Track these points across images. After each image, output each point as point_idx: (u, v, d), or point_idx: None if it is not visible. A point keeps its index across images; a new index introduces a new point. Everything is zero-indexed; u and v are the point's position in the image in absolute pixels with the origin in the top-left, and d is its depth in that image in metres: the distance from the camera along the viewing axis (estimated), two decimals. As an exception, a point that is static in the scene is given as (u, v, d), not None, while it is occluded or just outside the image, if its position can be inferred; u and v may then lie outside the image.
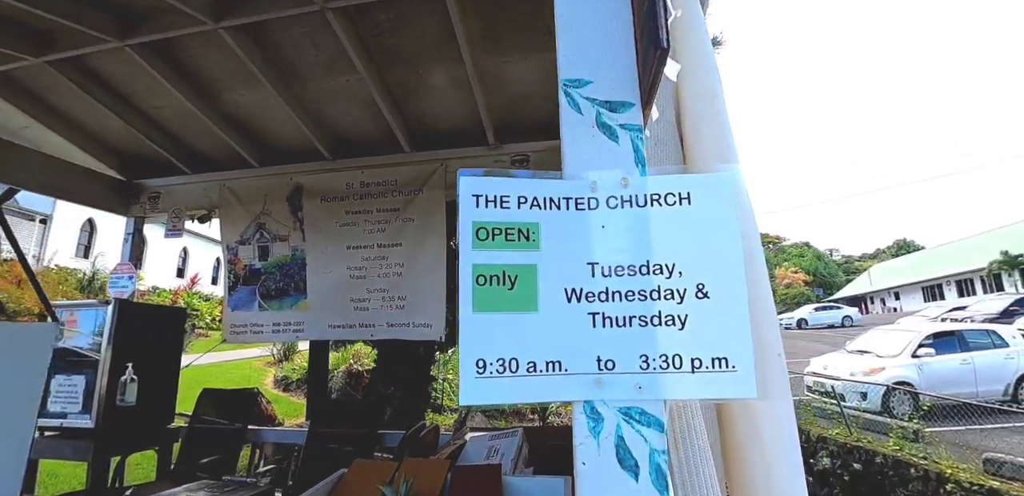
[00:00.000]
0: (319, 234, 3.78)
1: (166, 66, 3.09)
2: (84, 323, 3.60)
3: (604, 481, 0.58)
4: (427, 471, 1.69)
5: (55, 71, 3.11)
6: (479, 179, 0.68)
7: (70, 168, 3.88)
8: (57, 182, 3.80)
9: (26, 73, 3.17)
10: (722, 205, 0.67)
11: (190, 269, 22.79)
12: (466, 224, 0.66)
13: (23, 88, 3.43)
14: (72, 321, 3.63)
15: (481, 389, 0.62)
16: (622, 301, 0.66)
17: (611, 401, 0.62)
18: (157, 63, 3.04)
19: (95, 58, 3.06)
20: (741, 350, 0.63)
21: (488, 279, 0.65)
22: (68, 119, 3.72)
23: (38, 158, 3.71)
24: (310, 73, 3.14)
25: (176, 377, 3.86)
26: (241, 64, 2.97)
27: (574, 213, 0.68)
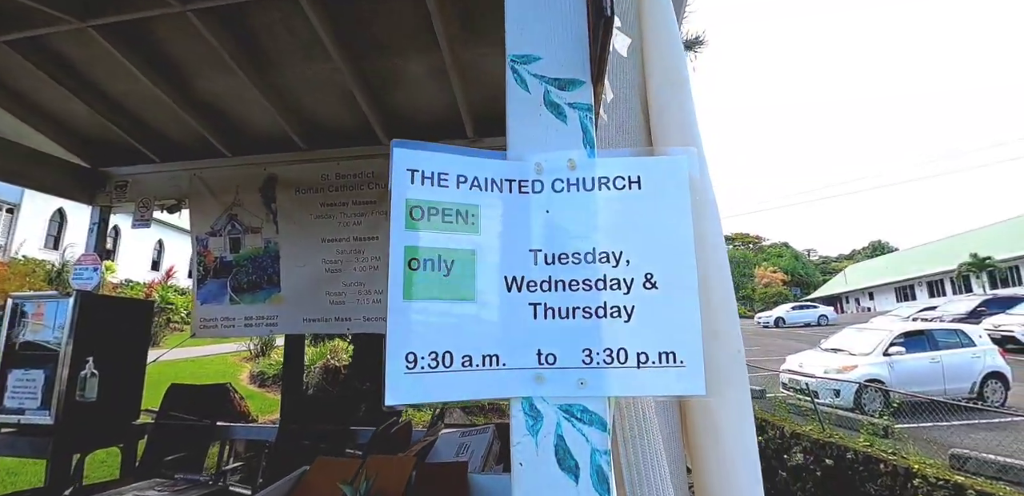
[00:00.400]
0: (293, 226, 3.69)
1: (132, 50, 2.97)
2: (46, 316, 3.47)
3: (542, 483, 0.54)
4: (391, 469, 1.65)
5: (13, 51, 2.97)
6: (415, 152, 0.63)
7: (30, 153, 3.72)
8: (15, 167, 3.64)
9: None
10: (674, 190, 0.63)
11: (165, 262, 22.28)
12: (399, 201, 0.60)
13: None
14: (39, 314, 3.49)
15: (410, 386, 0.56)
16: (566, 291, 0.61)
17: (551, 398, 0.58)
18: (122, 46, 2.93)
19: (56, 39, 2.93)
20: (690, 344, 0.59)
21: (422, 263, 0.60)
22: (29, 102, 3.56)
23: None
24: (284, 60, 3.05)
25: (142, 372, 3.75)
26: (211, 49, 2.87)
27: (517, 196, 0.64)
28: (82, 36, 2.82)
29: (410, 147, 0.65)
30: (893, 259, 49.31)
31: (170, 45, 3.00)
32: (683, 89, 0.92)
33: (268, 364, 9.09)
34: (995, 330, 14.91)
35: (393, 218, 0.61)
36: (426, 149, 0.64)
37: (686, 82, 0.94)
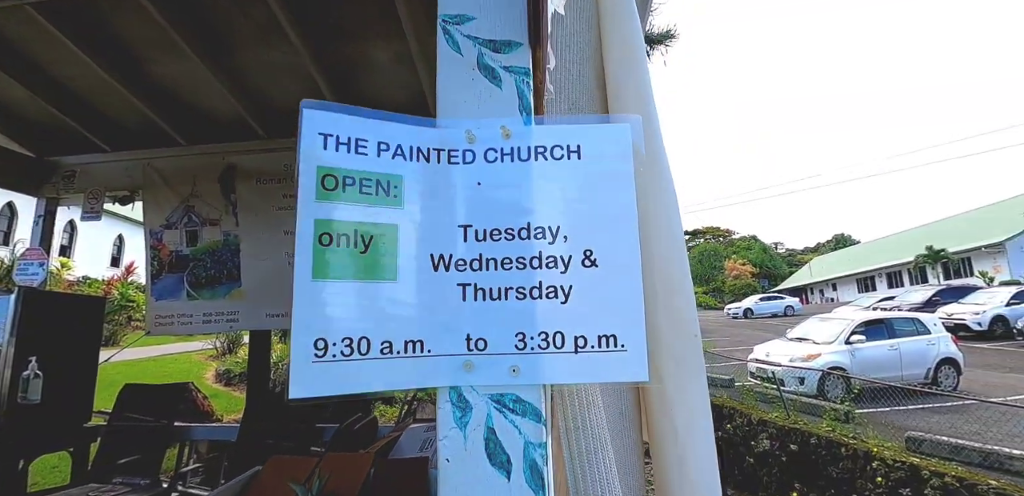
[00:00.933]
0: (254, 218, 3.55)
1: (76, 31, 2.79)
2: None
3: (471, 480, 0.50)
4: (348, 466, 1.59)
5: None
6: (330, 115, 0.56)
7: (-36, 141, 3.48)
8: (-54, 156, 3.40)
9: None
10: (616, 159, 0.59)
11: (126, 258, 21.42)
12: (308, 169, 0.54)
13: None
14: None
15: (320, 376, 0.50)
16: (497, 270, 0.56)
17: (481, 387, 0.53)
18: (66, 27, 2.74)
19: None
20: (632, 327, 0.55)
21: (335, 239, 0.53)
22: (-36, 86, 3.32)
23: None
24: (240, 44, 2.91)
25: (94, 372, 3.57)
26: (162, 31, 2.71)
27: (445, 167, 0.58)
28: (19, 14, 2.63)
29: (323, 108, 0.58)
30: (855, 252, 51.28)
31: (118, 27, 2.82)
32: (639, 65, 0.88)
33: (235, 362, 8.83)
34: (948, 318, 15.62)
35: (301, 188, 0.54)
36: (343, 112, 0.58)
37: (642, 58, 0.90)
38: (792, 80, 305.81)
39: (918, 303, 19.34)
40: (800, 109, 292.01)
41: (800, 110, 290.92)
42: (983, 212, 35.75)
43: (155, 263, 3.70)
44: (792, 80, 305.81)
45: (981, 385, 9.55)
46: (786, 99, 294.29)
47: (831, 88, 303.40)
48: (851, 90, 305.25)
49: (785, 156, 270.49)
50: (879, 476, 5.40)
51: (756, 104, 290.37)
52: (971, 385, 9.59)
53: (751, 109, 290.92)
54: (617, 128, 0.59)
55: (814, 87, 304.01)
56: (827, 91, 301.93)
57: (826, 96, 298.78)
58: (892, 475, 5.30)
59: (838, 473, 5.85)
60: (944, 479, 4.92)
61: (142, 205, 3.77)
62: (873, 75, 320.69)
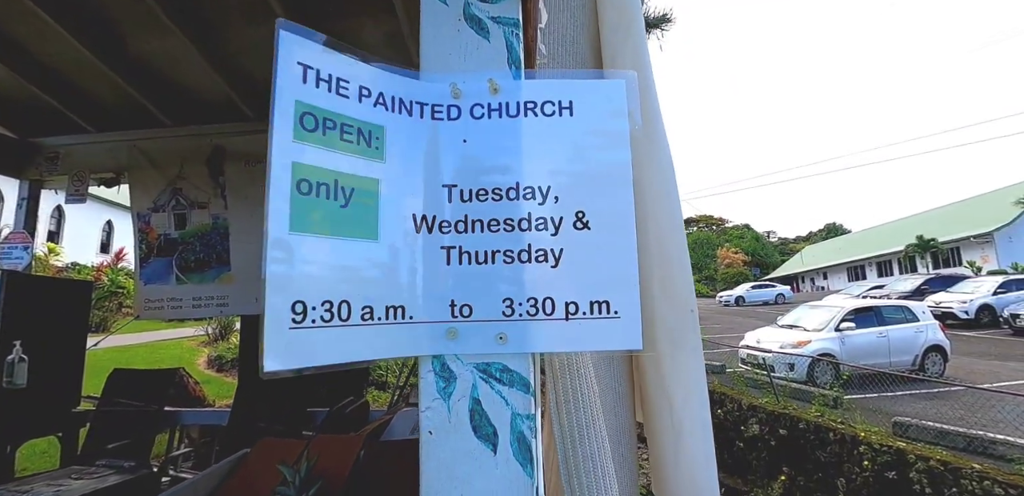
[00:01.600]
0: (243, 201, 3.48)
1: (57, 7, 2.68)
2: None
3: (455, 454, 0.47)
4: (337, 448, 1.57)
5: None
6: (311, 44, 0.51)
7: (-56, 122, 3.37)
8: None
9: None
10: (610, 117, 0.55)
11: (115, 244, 21.18)
12: (285, 102, 0.49)
13: None
14: None
15: (298, 345, 0.45)
16: (484, 232, 0.53)
17: (466, 356, 0.50)
18: (47, 3, 2.64)
19: None
20: (625, 293, 0.52)
21: (314, 188, 0.48)
22: (-60, 64, 3.20)
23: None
24: (225, 21, 2.82)
25: (81, 356, 3.53)
26: (146, 6, 2.62)
27: (429, 122, 0.55)
28: None
29: (304, 34, 0.53)
30: (846, 241, 51.70)
31: (99, 1, 2.72)
32: (636, 30, 0.84)
33: (227, 348, 8.80)
34: (936, 307, 15.84)
35: (275, 125, 0.49)
36: (324, 43, 0.53)
37: (639, 24, 0.85)
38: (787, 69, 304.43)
39: (907, 291, 19.60)
40: (794, 98, 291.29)
41: (795, 99, 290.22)
42: (973, 202, 36.07)
43: (143, 247, 3.63)
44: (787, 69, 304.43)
45: (966, 372, 9.71)
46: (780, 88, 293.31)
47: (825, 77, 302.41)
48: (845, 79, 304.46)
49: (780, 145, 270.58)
50: (866, 460, 5.49)
51: (751, 92, 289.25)
52: (956, 372, 9.76)
53: (746, 97, 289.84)
54: (611, 84, 0.55)
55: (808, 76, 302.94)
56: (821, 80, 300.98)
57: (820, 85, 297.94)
58: (879, 459, 5.40)
59: (826, 457, 5.95)
60: (929, 463, 5.01)
61: (128, 188, 3.69)
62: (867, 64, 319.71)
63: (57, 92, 3.39)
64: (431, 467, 0.47)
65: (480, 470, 0.47)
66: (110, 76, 3.12)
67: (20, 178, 3.89)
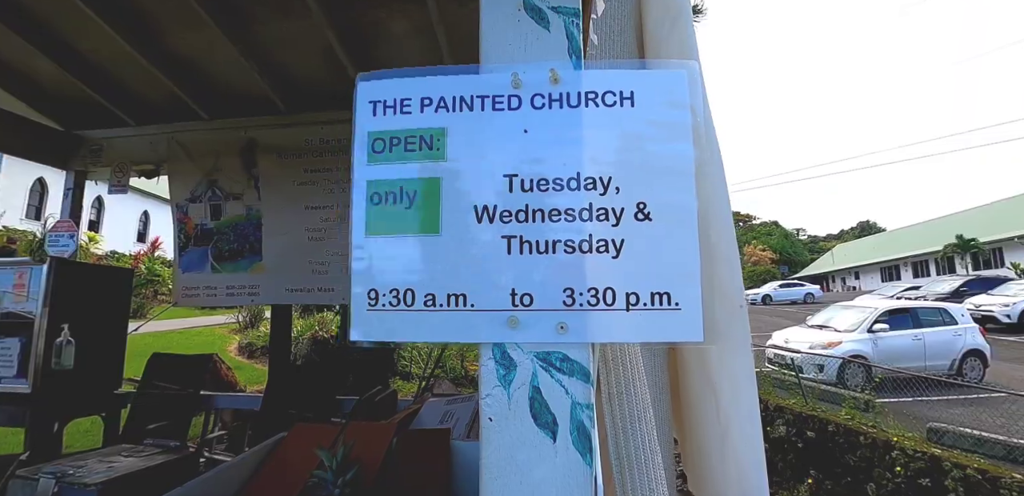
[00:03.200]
0: (275, 193, 3.56)
1: (98, 2, 2.77)
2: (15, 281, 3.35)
3: (514, 440, 0.48)
4: (371, 435, 1.61)
5: None
6: (378, 83, 0.56)
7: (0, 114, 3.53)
8: (-18, 130, 3.46)
9: None
10: (672, 107, 0.55)
11: (152, 233, 21.93)
12: (361, 135, 0.55)
13: None
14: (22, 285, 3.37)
15: (373, 324, 0.52)
16: (545, 222, 0.54)
17: (527, 344, 0.51)
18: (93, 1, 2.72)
19: None
20: (687, 284, 0.52)
21: (383, 197, 0.55)
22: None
23: (-45, 103, 3.37)
24: (260, 14, 2.86)
25: (123, 340, 3.67)
26: (182, 2, 2.68)
27: (490, 114, 0.55)
28: None
29: (375, 78, 0.58)
30: (880, 239, 49.97)
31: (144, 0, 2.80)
32: (683, 22, 0.83)
33: (257, 335, 9.06)
34: (976, 310, 15.23)
35: (355, 153, 0.55)
36: (391, 76, 0.57)
37: (687, 15, 0.84)
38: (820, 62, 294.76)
39: (945, 293, 18.87)
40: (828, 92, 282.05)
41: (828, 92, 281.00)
42: (1017, 201, 34.38)
43: (181, 236, 3.75)
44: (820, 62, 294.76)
45: (1007, 379, 9.33)
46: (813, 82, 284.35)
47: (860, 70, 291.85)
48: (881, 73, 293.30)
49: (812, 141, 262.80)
50: (898, 466, 5.34)
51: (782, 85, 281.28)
52: (996, 378, 9.38)
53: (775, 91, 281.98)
54: (673, 75, 0.55)
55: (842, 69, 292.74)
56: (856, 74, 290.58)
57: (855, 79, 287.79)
58: (912, 465, 5.25)
59: (855, 461, 5.81)
60: (966, 471, 4.85)
61: (167, 179, 3.82)
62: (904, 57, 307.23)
63: (100, 86, 3.51)
64: (491, 452, 0.48)
65: (540, 457, 0.48)
66: (150, 70, 3.22)
67: (66, 169, 4.05)
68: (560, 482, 0.47)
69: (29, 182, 18.92)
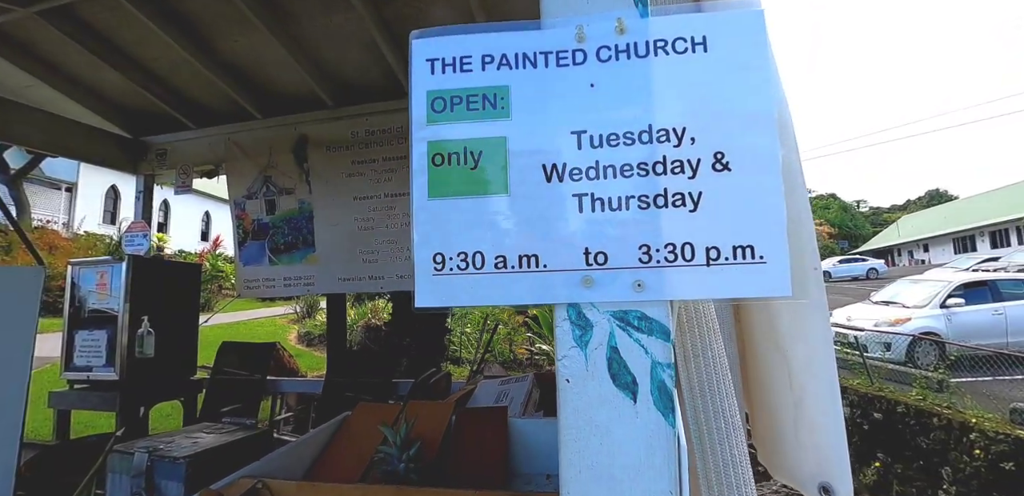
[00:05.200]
0: (325, 186, 3.67)
1: (156, 12, 2.91)
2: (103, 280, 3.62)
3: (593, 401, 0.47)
4: (430, 413, 1.66)
5: (46, 23, 2.96)
6: (435, 40, 0.54)
7: (74, 126, 3.80)
8: (60, 140, 3.73)
9: (19, 26, 3.03)
10: (748, 50, 0.51)
11: (213, 232, 23.25)
12: (418, 95, 0.53)
13: (18, 43, 3.30)
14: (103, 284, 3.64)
15: (439, 289, 0.51)
16: (616, 178, 0.52)
17: (602, 304, 0.50)
18: (146, 8, 2.86)
19: (84, 7, 2.89)
20: (772, 236, 0.49)
21: (446, 158, 0.53)
22: (67, 74, 3.60)
23: (40, 116, 3.64)
24: (304, 12, 2.92)
25: (195, 330, 3.92)
26: (232, 6, 2.77)
27: (554, 71, 0.54)
28: (108, 2, 2.78)
29: (430, 35, 0.56)
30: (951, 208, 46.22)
31: (191, 4, 2.91)
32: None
33: (314, 325, 9.50)
34: (1066, 282, 13.93)
35: (413, 114, 0.54)
36: (449, 33, 0.55)
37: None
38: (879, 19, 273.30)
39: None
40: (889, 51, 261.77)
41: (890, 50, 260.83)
42: (1115, 162, 30.86)
43: (240, 231, 3.95)
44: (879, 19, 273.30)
45: (1102, 356, 8.53)
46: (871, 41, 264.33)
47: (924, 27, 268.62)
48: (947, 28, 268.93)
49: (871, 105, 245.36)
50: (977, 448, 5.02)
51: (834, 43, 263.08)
52: (1090, 355, 8.59)
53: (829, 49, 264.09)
54: (749, 15, 0.52)
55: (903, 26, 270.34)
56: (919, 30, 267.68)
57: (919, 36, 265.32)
58: (993, 448, 4.92)
59: (928, 444, 5.51)
60: (1056, 454, 4.51)
61: (226, 178, 4.01)
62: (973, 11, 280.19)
63: (161, 94, 3.71)
64: (568, 413, 0.48)
65: (619, 418, 0.47)
66: (205, 75, 3.36)
67: (135, 173, 4.32)
68: (642, 442, 0.46)
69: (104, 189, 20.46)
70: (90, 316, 3.55)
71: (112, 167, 4.23)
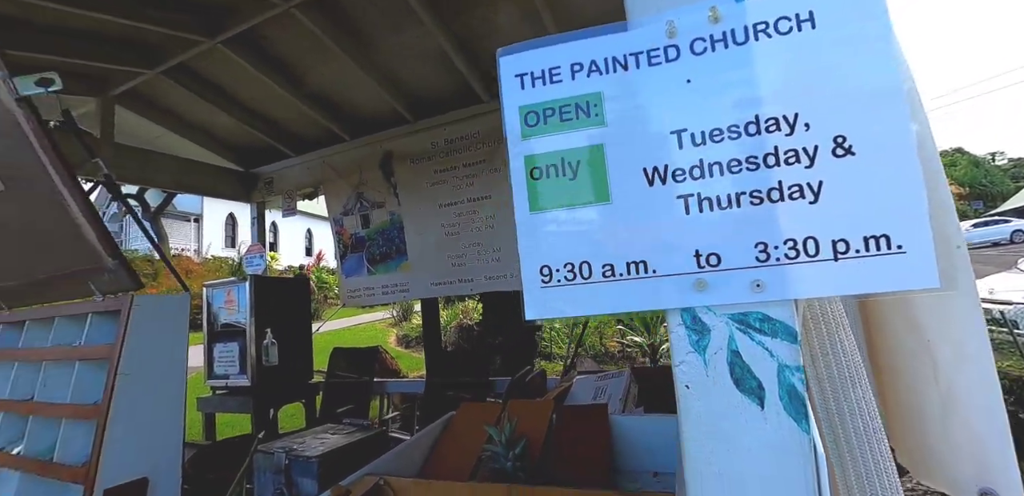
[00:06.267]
0: (412, 196, 3.86)
1: (253, 56, 3.25)
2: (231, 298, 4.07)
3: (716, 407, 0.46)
4: (531, 411, 1.68)
5: (168, 79, 3.42)
6: (522, 55, 0.55)
7: (198, 166, 4.37)
8: (188, 179, 4.29)
9: (147, 85, 3.52)
10: (864, 20, 0.46)
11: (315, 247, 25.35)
12: (511, 111, 0.54)
13: (147, 100, 3.85)
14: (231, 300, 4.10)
15: (548, 300, 0.51)
16: (724, 175, 0.49)
17: (719, 307, 0.48)
18: (245, 54, 3.20)
19: (196, 61, 3.29)
20: (911, 223, 0.44)
21: (544, 171, 0.53)
22: (187, 121, 4.13)
23: (171, 161, 4.20)
24: (378, 34, 3.10)
25: (309, 339, 4.29)
26: (314, 39, 3.01)
27: (647, 71, 0.52)
28: (214, 53, 3.13)
29: (516, 51, 0.58)
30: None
31: (281, 44, 3.21)
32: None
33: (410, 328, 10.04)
34: None
35: (507, 131, 0.55)
36: (534, 47, 0.56)
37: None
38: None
39: None
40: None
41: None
42: None
43: (340, 246, 4.27)
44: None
45: None
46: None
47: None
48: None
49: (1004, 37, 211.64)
50: None
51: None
52: None
53: None
54: (861, -20, 0.46)
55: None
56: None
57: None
58: None
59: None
60: None
61: (324, 197, 4.35)
62: None
63: (264, 128, 4.12)
64: (691, 421, 0.47)
65: (747, 425, 0.45)
66: (299, 106, 3.68)
67: (249, 202, 4.84)
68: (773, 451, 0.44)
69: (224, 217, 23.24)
70: (223, 330, 3.99)
71: (230, 198, 4.78)
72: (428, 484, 1.36)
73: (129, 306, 1.63)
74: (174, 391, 1.70)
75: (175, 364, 1.73)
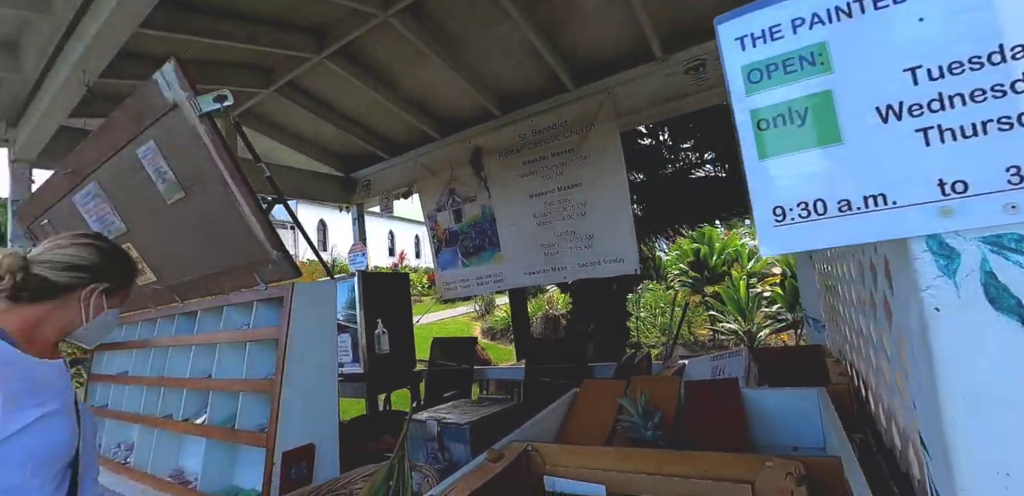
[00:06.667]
0: (502, 189, 3.97)
1: (354, 67, 3.50)
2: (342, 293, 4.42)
3: (971, 327, 0.48)
4: (658, 386, 1.70)
5: (280, 96, 3.78)
6: (740, 19, 0.59)
7: (306, 174, 4.80)
8: (299, 186, 4.71)
9: (260, 103, 3.91)
10: None
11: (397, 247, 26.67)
12: (733, 72, 0.58)
13: (261, 117, 4.27)
14: None
15: (781, 237, 0.55)
16: (966, 105, 0.51)
17: (968, 231, 0.50)
18: (346, 66, 3.46)
19: (303, 77, 3.61)
20: None
21: (771, 122, 0.57)
22: (295, 133, 4.54)
23: (284, 171, 4.62)
24: (468, 32, 3.23)
25: (411, 329, 4.56)
26: (408, 45, 3.18)
27: (873, 14, 0.54)
28: (319, 68, 3.42)
29: (733, 16, 0.62)
30: None
31: (378, 54, 3.43)
32: None
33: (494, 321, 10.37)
34: None
35: (731, 89, 0.60)
36: (751, 10, 0.61)
37: None
38: None
39: None
40: None
41: None
42: None
43: (435, 241, 4.49)
44: None
45: None
46: None
47: None
48: None
49: None
50: None
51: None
52: None
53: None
54: None
55: None
56: None
57: None
58: None
59: None
60: None
61: (418, 196, 4.60)
62: None
63: (361, 134, 4.42)
64: (943, 343, 0.49)
65: (1006, 343, 0.47)
66: (393, 110, 3.91)
67: (350, 203, 5.22)
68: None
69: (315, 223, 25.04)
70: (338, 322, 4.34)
71: (334, 201, 5.18)
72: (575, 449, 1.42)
73: (291, 293, 1.87)
74: (329, 366, 1.92)
75: (328, 342, 1.96)
